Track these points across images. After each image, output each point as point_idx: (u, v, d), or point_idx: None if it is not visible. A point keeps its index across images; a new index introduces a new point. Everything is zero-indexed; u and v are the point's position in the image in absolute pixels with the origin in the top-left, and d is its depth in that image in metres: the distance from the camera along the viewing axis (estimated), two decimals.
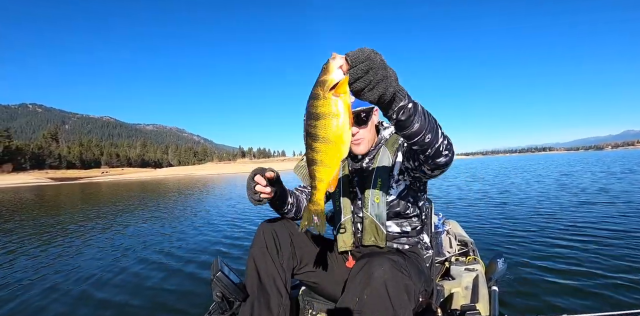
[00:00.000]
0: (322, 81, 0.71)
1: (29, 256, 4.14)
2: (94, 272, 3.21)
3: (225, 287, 1.13)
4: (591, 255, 3.25)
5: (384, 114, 0.83)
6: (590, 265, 2.97)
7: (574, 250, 3.46)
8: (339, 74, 0.70)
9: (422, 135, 0.87)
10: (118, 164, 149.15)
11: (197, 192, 14.28)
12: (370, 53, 0.70)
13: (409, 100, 0.80)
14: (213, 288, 1.13)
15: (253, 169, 1.12)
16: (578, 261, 3.10)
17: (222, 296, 1.14)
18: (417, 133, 0.86)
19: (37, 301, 2.63)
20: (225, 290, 1.13)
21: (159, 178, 51.14)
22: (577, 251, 3.39)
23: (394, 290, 0.91)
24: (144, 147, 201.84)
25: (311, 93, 0.74)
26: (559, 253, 3.37)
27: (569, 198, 7.22)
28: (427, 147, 0.91)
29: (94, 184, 36.41)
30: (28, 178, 56.36)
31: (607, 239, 3.78)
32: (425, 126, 0.86)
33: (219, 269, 1.14)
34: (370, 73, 0.69)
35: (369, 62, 0.69)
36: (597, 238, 3.83)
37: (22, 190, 28.15)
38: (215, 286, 1.12)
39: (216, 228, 4.84)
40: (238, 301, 1.17)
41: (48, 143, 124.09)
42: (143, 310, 2.37)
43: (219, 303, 1.15)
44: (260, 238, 1.18)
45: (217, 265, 1.17)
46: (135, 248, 3.84)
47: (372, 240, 1.25)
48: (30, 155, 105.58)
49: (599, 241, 3.73)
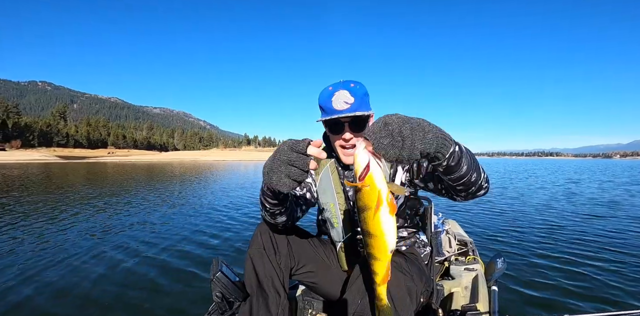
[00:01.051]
0: (354, 174, 0.69)
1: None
2: (89, 269, 3.10)
3: (225, 287, 1.12)
4: (591, 255, 3.24)
5: (433, 166, 0.77)
6: (590, 265, 2.96)
7: (573, 250, 3.45)
8: (362, 159, 0.67)
9: (469, 176, 0.82)
10: (124, 145, 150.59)
11: (202, 181, 14.36)
12: (384, 120, 0.66)
13: (454, 143, 0.73)
14: (213, 288, 1.12)
15: (286, 144, 0.78)
16: (578, 261, 3.09)
17: (222, 297, 1.12)
18: (464, 175, 0.81)
19: (17, 297, 2.51)
20: (225, 290, 1.12)
21: (164, 161, 51.54)
22: (577, 251, 3.38)
23: (396, 291, 0.91)
24: (151, 129, 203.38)
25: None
26: (558, 253, 3.36)
27: (570, 201, 7.22)
28: (472, 186, 0.86)
29: (101, 164, 36.80)
30: (37, 155, 57.05)
31: (607, 239, 3.77)
32: (472, 166, 0.81)
33: (219, 269, 1.13)
34: (394, 139, 0.64)
35: (386, 130, 0.65)
36: (597, 239, 3.82)
37: (31, 166, 28.48)
38: (215, 287, 1.11)
39: (216, 227, 4.75)
40: (238, 302, 1.16)
41: (56, 122, 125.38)
42: (142, 309, 2.33)
43: (219, 303, 1.14)
44: (257, 238, 1.16)
45: (217, 265, 1.16)
46: (135, 246, 3.72)
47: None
48: (38, 133, 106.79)
49: (599, 241, 3.71)
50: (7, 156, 51.26)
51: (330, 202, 1.23)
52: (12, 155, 53.19)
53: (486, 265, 1.86)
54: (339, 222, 1.22)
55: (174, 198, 8.27)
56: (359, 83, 1.14)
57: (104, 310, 2.33)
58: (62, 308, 2.35)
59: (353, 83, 1.13)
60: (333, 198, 1.23)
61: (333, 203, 1.22)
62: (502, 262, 1.79)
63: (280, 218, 1.06)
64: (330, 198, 1.23)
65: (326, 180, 1.25)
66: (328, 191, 1.24)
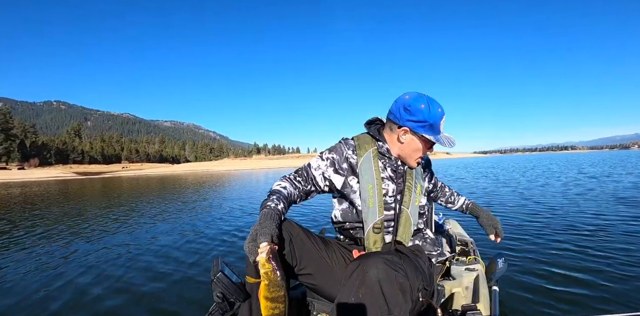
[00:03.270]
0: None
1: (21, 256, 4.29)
2: (88, 269, 3.19)
3: (226, 288, 1.11)
4: (594, 256, 3.16)
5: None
6: (593, 266, 2.89)
7: (576, 250, 3.37)
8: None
9: None
10: (137, 159, 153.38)
11: (211, 189, 14.49)
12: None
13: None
14: (213, 289, 1.12)
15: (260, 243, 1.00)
16: (581, 261, 3.03)
17: (223, 297, 1.12)
18: None
19: (31, 295, 2.66)
20: (226, 290, 1.11)
21: (177, 173, 52.34)
22: (579, 252, 3.30)
23: (388, 288, 0.93)
24: (162, 143, 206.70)
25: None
26: (561, 253, 3.30)
27: (575, 199, 6.99)
28: None
29: (116, 178, 37.63)
30: (55, 173, 58.77)
31: (612, 240, 3.66)
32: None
33: (220, 269, 1.13)
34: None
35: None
36: (600, 239, 3.72)
37: (51, 183, 29.23)
38: (216, 287, 1.11)
39: (217, 227, 4.84)
40: (239, 302, 1.15)
41: (72, 139, 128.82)
42: (142, 309, 2.34)
43: (220, 303, 1.14)
44: None
45: (218, 265, 1.16)
46: (135, 245, 3.83)
47: (402, 239, 1.31)
48: (55, 151, 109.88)
49: (601, 242, 3.61)
50: (28, 174, 52.89)
51: (370, 183, 1.30)
52: (32, 173, 54.81)
53: (487, 265, 1.85)
54: (375, 203, 1.29)
55: (187, 204, 8.37)
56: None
57: (103, 309, 2.35)
58: (54, 306, 2.38)
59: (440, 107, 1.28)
60: (373, 180, 1.31)
61: (372, 185, 1.30)
62: (503, 262, 1.78)
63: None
64: (370, 179, 1.31)
65: (368, 163, 1.33)
66: (368, 173, 1.32)
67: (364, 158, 1.34)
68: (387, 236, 1.32)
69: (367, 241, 1.30)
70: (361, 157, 1.34)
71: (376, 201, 1.29)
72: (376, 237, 1.29)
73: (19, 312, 2.42)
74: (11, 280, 3.12)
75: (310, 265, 1.23)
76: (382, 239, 1.30)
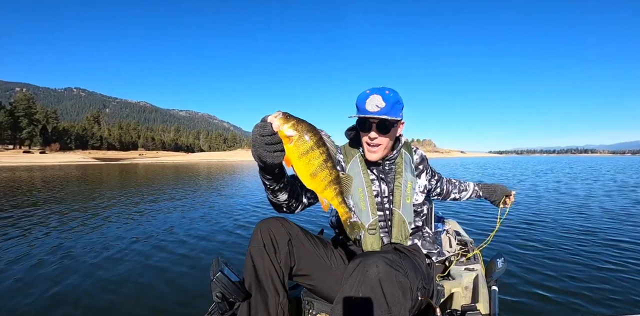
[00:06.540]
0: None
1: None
2: (86, 267, 3.15)
3: (225, 287, 1.10)
4: (593, 256, 3.15)
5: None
6: (591, 266, 2.89)
7: (575, 250, 3.36)
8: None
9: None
10: (153, 147, 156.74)
11: (223, 180, 14.66)
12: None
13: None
14: (213, 289, 1.11)
15: (255, 133, 0.85)
16: (579, 261, 3.02)
17: (222, 297, 1.12)
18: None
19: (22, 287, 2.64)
20: (225, 290, 1.10)
21: (192, 162, 53.24)
22: (578, 252, 3.29)
23: (388, 287, 0.94)
24: (177, 131, 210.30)
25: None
26: (560, 253, 3.28)
27: (575, 200, 6.88)
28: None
29: (133, 165, 38.59)
30: (76, 157, 60.52)
31: (611, 241, 3.63)
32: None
33: (219, 269, 1.12)
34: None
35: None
36: (600, 240, 3.70)
37: (71, 168, 30.07)
38: (215, 287, 1.10)
39: (218, 227, 4.83)
40: (238, 302, 1.15)
41: (91, 125, 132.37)
42: (142, 309, 2.32)
43: (219, 303, 1.14)
44: (257, 236, 1.15)
45: (217, 265, 1.16)
46: (135, 244, 3.87)
47: (399, 239, 1.33)
48: (75, 136, 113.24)
49: (601, 242, 3.60)
50: (50, 158, 54.73)
51: (360, 187, 1.34)
52: (55, 158, 56.65)
53: (486, 265, 1.85)
54: (367, 205, 1.33)
55: (185, 198, 8.50)
56: (394, 91, 1.29)
57: (102, 309, 2.32)
58: (52, 302, 2.38)
59: (388, 90, 1.27)
60: (362, 184, 1.33)
61: (362, 188, 1.33)
62: (503, 262, 1.78)
63: (282, 195, 1.09)
64: (359, 184, 1.34)
65: (356, 168, 1.38)
66: (357, 177, 1.35)
67: (351, 163, 1.39)
68: (384, 236, 1.35)
69: (364, 243, 1.32)
70: (348, 164, 1.39)
71: (367, 203, 1.32)
72: (372, 239, 1.31)
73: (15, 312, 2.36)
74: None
75: (309, 266, 1.23)
76: (379, 240, 1.32)
